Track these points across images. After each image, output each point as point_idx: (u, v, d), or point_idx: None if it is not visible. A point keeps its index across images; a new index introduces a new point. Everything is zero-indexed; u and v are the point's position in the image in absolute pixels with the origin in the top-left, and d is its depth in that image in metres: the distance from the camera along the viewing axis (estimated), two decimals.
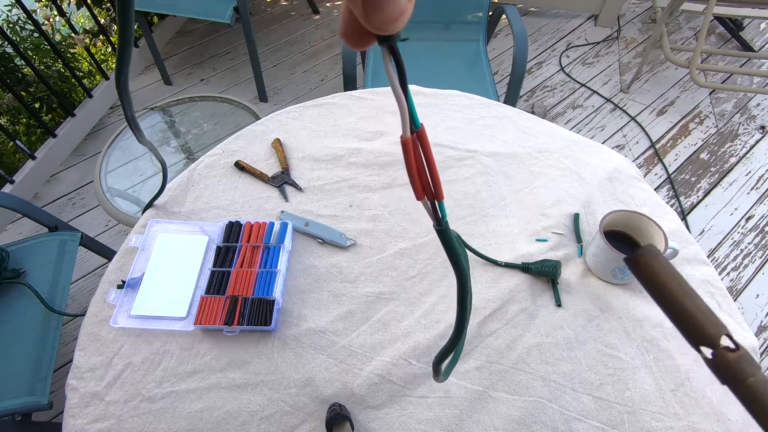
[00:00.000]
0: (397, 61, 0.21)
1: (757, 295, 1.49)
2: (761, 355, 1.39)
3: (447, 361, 0.39)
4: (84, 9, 2.07)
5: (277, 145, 0.89)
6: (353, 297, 0.71)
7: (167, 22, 2.39)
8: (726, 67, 2.20)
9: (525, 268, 0.72)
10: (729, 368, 0.22)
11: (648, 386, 0.62)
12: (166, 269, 0.74)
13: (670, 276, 0.24)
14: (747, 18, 2.31)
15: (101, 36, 2.24)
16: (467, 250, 0.75)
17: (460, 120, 0.94)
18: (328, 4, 2.63)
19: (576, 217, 0.79)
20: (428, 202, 0.26)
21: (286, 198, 0.83)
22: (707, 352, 0.22)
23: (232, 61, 2.31)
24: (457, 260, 0.29)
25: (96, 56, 2.05)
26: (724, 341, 0.22)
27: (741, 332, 0.67)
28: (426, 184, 0.26)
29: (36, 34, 1.88)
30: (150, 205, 0.81)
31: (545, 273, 0.71)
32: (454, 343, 0.35)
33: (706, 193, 1.75)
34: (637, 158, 1.87)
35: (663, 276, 0.23)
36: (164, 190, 0.80)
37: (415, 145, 0.24)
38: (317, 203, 0.82)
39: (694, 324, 0.23)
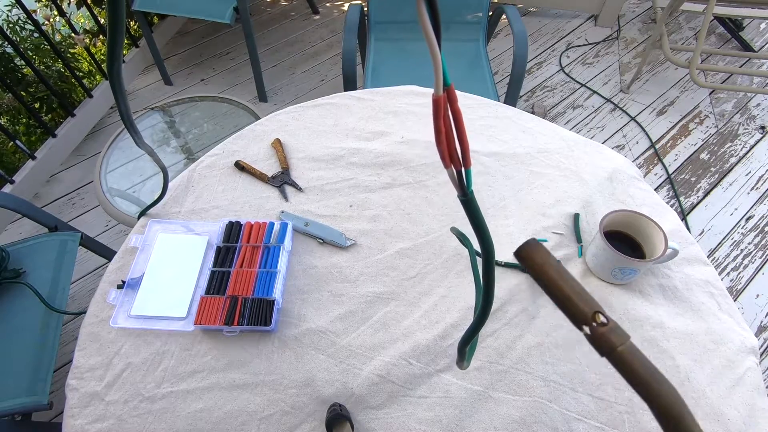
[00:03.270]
0: (433, 11, 0.20)
1: (757, 295, 1.49)
2: (761, 355, 1.39)
3: (468, 347, 0.39)
4: (84, 9, 2.08)
5: (277, 145, 0.89)
6: (353, 297, 0.71)
7: (167, 22, 2.39)
8: (726, 67, 2.20)
9: (524, 268, 0.72)
10: (602, 340, 0.25)
11: None
12: (166, 269, 0.74)
13: (550, 265, 0.27)
14: (747, 18, 2.31)
15: (101, 36, 2.24)
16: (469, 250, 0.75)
17: None
18: (328, 4, 2.63)
19: (576, 217, 0.79)
20: (454, 171, 0.26)
21: (286, 198, 0.83)
22: (587, 329, 0.25)
23: (232, 61, 2.31)
24: (483, 232, 0.29)
25: (96, 56, 2.05)
26: (598, 318, 0.25)
27: (741, 332, 0.67)
28: (453, 151, 0.25)
29: (36, 34, 1.88)
30: (145, 212, 0.81)
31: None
32: (481, 321, 0.35)
33: (706, 193, 1.75)
34: (637, 158, 1.87)
35: (543, 266, 0.27)
36: (164, 196, 0.80)
37: (445, 106, 0.23)
38: (317, 203, 0.82)
39: (572, 306, 0.25)
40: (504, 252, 0.75)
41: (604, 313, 0.25)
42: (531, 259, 0.27)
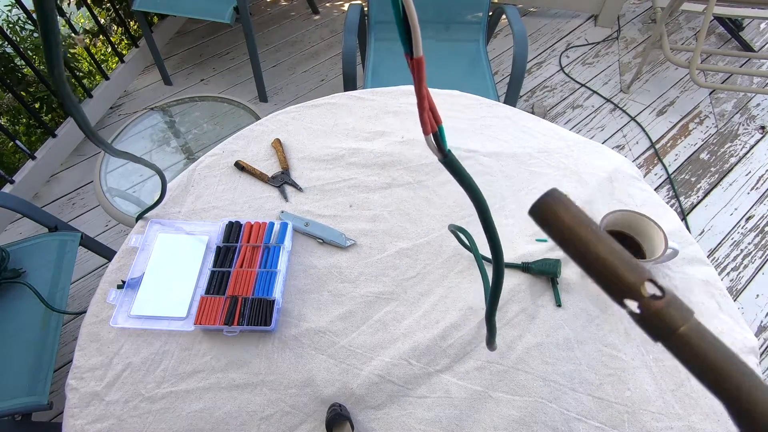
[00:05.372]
0: None
1: (757, 295, 1.49)
2: (761, 355, 1.39)
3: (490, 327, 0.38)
4: (84, 9, 2.07)
5: (277, 145, 0.89)
6: (353, 297, 0.71)
7: (167, 22, 2.39)
8: (726, 67, 2.20)
9: (525, 267, 0.72)
10: (658, 318, 0.18)
11: (648, 386, 0.62)
12: (166, 269, 0.74)
13: (581, 222, 0.20)
14: (747, 18, 2.31)
15: (101, 36, 2.24)
16: (471, 250, 0.75)
17: (460, 120, 0.94)
18: (328, 4, 2.63)
19: None
20: (432, 138, 0.25)
21: (286, 198, 0.83)
22: (633, 305, 0.19)
23: (232, 61, 2.31)
24: (471, 187, 0.28)
25: (96, 56, 2.05)
26: (649, 288, 0.19)
27: (741, 332, 0.67)
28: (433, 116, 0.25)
29: (36, 34, 1.88)
30: (143, 214, 0.81)
31: (546, 271, 0.71)
32: (498, 284, 0.33)
33: (706, 193, 1.75)
34: (637, 158, 1.87)
35: (571, 223, 0.20)
36: (162, 199, 0.79)
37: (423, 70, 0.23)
38: (317, 203, 0.82)
39: (613, 274, 0.19)
40: (504, 252, 0.75)
41: (658, 282, 0.19)
42: (556, 218, 0.20)
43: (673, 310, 0.18)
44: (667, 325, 0.18)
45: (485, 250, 0.75)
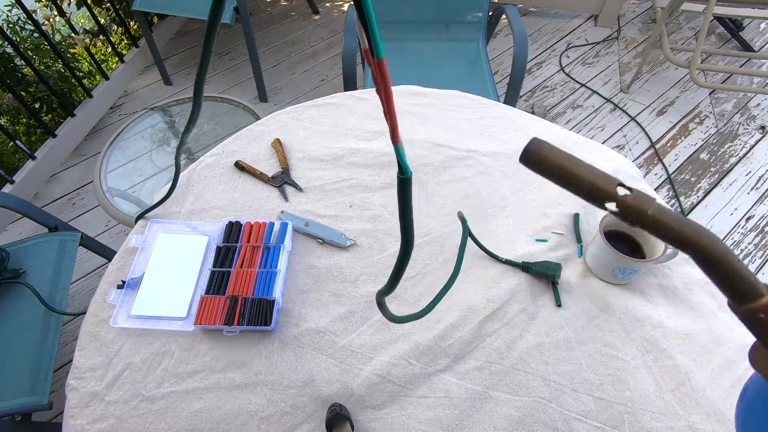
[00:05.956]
0: None
1: None
2: None
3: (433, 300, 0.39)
4: (84, 9, 2.08)
5: (277, 145, 0.89)
6: (353, 297, 0.71)
7: (167, 22, 2.39)
8: (726, 67, 2.20)
9: (525, 267, 0.72)
10: (631, 209, 0.24)
11: (648, 386, 0.62)
12: (166, 269, 0.74)
13: (560, 155, 0.26)
14: (747, 18, 2.31)
15: (101, 36, 2.24)
16: (475, 244, 0.75)
17: (460, 120, 0.94)
18: (328, 4, 2.63)
19: (576, 217, 0.79)
20: (401, 149, 0.26)
21: (286, 198, 0.83)
22: (612, 206, 0.24)
23: (232, 61, 2.31)
24: (407, 218, 0.30)
25: (96, 56, 2.05)
26: (620, 191, 0.24)
27: (741, 332, 0.67)
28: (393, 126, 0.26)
29: (36, 34, 1.88)
30: (146, 213, 0.81)
31: (546, 274, 0.71)
32: (394, 282, 0.37)
33: (706, 193, 1.75)
34: (637, 158, 1.87)
35: (554, 157, 0.26)
36: (172, 193, 0.80)
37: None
38: (317, 203, 0.82)
39: (592, 186, 0.25)
40: (504, 252, 0.75)
41: (625, 184, 0.24)
42: (541, 156, 0.26)
43: (639, 201, 0.24)
44: (638, 211, 0.24)
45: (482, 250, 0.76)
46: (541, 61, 2.26)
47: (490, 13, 1.61)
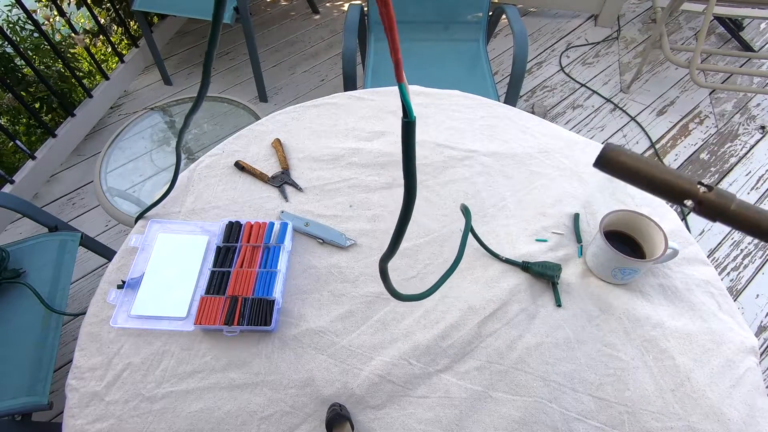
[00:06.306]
0: None
1: (757, 295, 1.49)
2: (761, 355, 1.39)
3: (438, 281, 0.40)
4: (84, 9, 2.07)
5: (277, 145, 0.89)
6: (353, 297, 0.71)
7: (167, 22, 2.39)
8: (726, 67, 2.20)
9: (525, 267, 0.72)
10: (713, 205, 0.25)
11: (648, 386, 0.62)
12: (166, 269, 0.74)
13: (639, 160, 0.27)
14: (747, 18, 2.31)
15: (101, 36, 2.24)
16: (477, 241, 0.75)
17: (460, 120, 0.94)
18: (328, 4, 2.63)
19: (576, 217, 0.79)
20: (404, 87, 0.25)
21: (286, 198, 0.83)
22: (690, 203, 0.26)
23: (232, 61, 2.31)
24: (410, 164, 0.30)
25: (96, 56, 2.05)
26: (700, 188, 0.26)
27: (741, 332, 0.67)
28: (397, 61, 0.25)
29: (36, 34, 1.88)
30: (148, 210, 0.81)
31: (545, 274, 0.71)
32: (396, 242, 0.37)
33: None
34: None
35: (632, 162, 0.27)
36: (171, 189, 0.79)
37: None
38: (317, 203, 0.82)
39: (673, 186, 0.26)
40: (504, 252, 0.75)
41: (704, 182, 0.25)
42: (619, 161, 0.27)
43: (721, 198, 0.26)
44: (721, 207, 0.25)
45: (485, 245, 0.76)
46: (541, 61, 2.26)
47: (490, 13, 1.61)
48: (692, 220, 1.68)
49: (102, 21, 2.23)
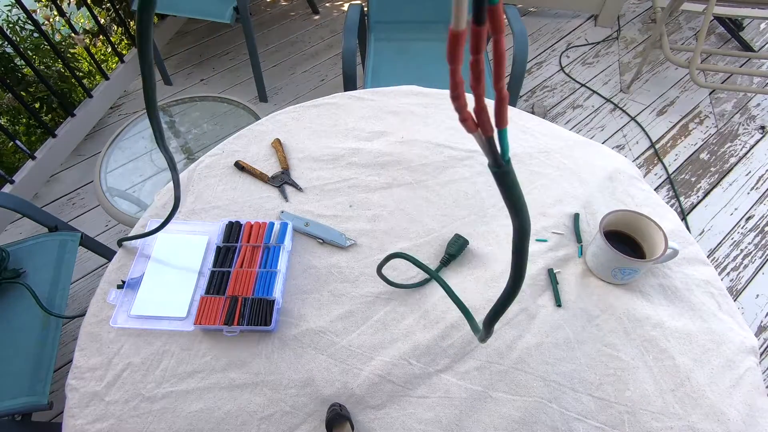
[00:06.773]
0: None
1: (757, 295, 1.49)
2: (761, 355, 1.39)
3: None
4: (84, 9, 2.07)
5: (277, 145, 0.89)
6: (353, 297, 0.71)
7: (167, 22, 2.39)
8: (726, 67, 2.20)
9: (446, 260, 0.74)
10: None
11: (648, 386, 0.62)
12: (166, 269, 0.74)
13: None
14: (747, 18, 2.31)
15: (101, 36, 2.24)
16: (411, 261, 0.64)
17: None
18: (328, 4, 2.63)
19: (576, 217, 0.79)
20: (482, 136, 0.17)
21: (286, 198, 0.83)
22: None
23: (232, 61, 2.31)
24: (520, 210, 0.22)
25: (96, 56, 2.05)
26: None
27: (741, 332, 0.67)
28: (482, 108, 0.16)
29: (36, 34, 1.88)
30: (162, 226, 0.80)
31: (451, 254, 0.73)
32: (509, 298, 0.30)
33: (706, 193, 1.75)
34: (637, 158, 1.87)
35: None
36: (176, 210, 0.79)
37: (477, 39, 0.14)
38: (317, 203, 0.82)
39: None
40: (505, 252, 0.75)
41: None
42: None
43: None
44: None
45: (485, 249, 0.76)
46: (541, 61, 2.26)
47: None
48: (692, 219, 1.68)
49: (102, 21, 2.23)
